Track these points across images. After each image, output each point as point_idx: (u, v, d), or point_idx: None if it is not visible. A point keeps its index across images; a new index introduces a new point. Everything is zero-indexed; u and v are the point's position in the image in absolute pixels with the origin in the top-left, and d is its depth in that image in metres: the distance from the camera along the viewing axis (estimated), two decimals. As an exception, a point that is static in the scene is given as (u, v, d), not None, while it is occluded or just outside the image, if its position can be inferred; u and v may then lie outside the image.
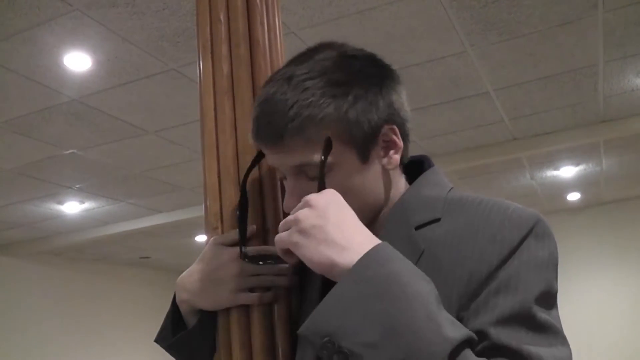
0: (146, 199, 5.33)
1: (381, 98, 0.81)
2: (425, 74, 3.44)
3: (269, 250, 0.88)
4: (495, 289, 0.70)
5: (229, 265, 0.86)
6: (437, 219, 0.79)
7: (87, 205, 5.32)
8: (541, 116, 4.18)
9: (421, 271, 0.69)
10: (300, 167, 0.80)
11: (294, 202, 0.78)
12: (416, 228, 0.79)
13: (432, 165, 0.90)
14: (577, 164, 5.36)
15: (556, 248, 0.76)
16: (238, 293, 0.86)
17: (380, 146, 0.82)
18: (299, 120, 0.76)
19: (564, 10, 2.86)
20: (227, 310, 0.89)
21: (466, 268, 0.72)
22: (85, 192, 4.99)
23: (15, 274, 6.47)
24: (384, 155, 0.83)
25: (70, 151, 4.10)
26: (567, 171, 5.53)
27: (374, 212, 0.84)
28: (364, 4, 2.70)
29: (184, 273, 0.92)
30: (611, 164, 5.44)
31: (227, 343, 0.88)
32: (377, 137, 0.81)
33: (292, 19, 2.77)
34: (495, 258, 0.72)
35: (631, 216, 6.79)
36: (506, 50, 3.22)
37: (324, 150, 0.77)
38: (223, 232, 0.91)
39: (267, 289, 0.88)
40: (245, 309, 0.88)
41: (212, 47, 0.98)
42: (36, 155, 4.10)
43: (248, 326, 0.88)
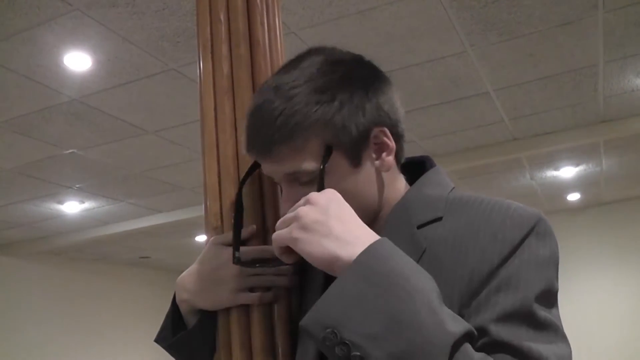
0: (146, 198, 5.33)
1: (367, 101, 0.81)
2: (426, 74, 3.44)
3: (266, 251, 0.88)
4: (496, 286, 0.70)
5: (229, 265, 0.86)
6: (439, 218, 0.79)
7: (87, 205, 5.32)
8: (541, 116, 4.19)
9: (422, 268, 0.69)
10: (291, 174, 0.81)
11: (290, 208, 0.78)
12: (418, 227, 0.80)
13: (434, 165, 0.90)
14: (577, 164, 5.36)
15: (557, 247, 0.76)
16: (238, 293, 0.87)
17: (371, 149, 0.82)
18: (286, 130, 0.77)
19: (564, 11, 2.86)
20: (227, 310, 0.89)
21: (468, 267, 0.73)
22: (85, 191, 4.99)
23: (16, 274, 6.47)
24: (377, 157, 0.83)
25: (71, 151, 4.10)
26: (567, 171, 5.53)
27: (370, 215, 0.84)
28: (364, 4, 2.71)
29: (184, 273, 0.92)
30: (611, 164, 5.45)
31: (227, 343, 0.89)
32: (368, 140, 0.81)
33: (292, 19, 2.77)
34: (496, 256, 0.72)
35: (631, 216, 6.79)
36: (506, 51, 3.22)
37: (323, 159, 0.78)
38: (223, 232, 0.91)
39: (267, 288, 0.88)
40: (245, 309, 0.88)
41: (212, 47, 0.98)
42: (36, 155, 4.10)
43: (248, 326, 0.88)
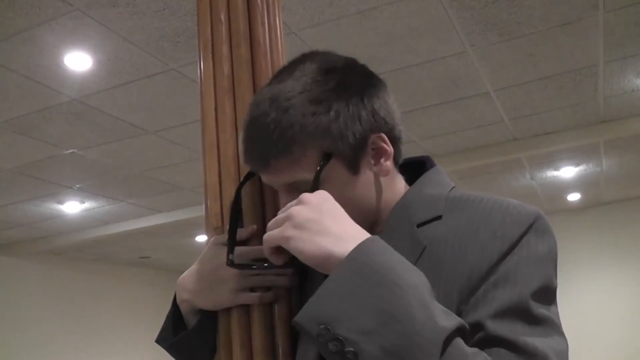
0: (146, 198, 5.33)
1: (363, 108, 0.81)
2: (426, 74, 3.44)
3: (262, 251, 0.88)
4: (494, 282, 0.71)
5: (229, 265, 0.86)
6: (439, 217, 0.80)
7: (87, 205, 5.32)
8: (541, 116, 4.19)
9: (413, 265, 0.69)
10: (291, 184, 0.81)
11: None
12: (418, 226, 0.80)
13: (434, 165, 0.91)
14: (577, 165, 5.36)
15: (556, 244, 0.76)
16: (238, 293, 0.87)
17: (369, 155, 0.82)
18: (284, 143, 0.77)
19: (564, 11, 2.87)
20: (227, 310, 0.89)
21: (467, 264, 0.73)
22: (85, 191, 4.99)
23: (16, 274, 6.47)
24: (375, 163, 0.83)
25: (71, 151, 4.10)
26: (567, 171, 5.53)
27: (371, 219, 0.85)
28: (365, 4, 2.71)
29: (185, 273, 0.92)
30: (611, 165, 5.45)
31: (227, 343, 0.89)
32: (365, 147, 0.81)
33: (293, 19, 2.78)
34: (495, 253, 0.72)
35: (631, 216, 6.79)
36: (506, 51, 3.22)
37: (321, 164, 0.78)
38: (224, 232, 0.91)
39: (267, 288, 0.88)
40: (245, 309, 0.88)
41: (212, 47, 0.98)
42: (36, 155, 4.10)
43: (248, 326, 0.88)
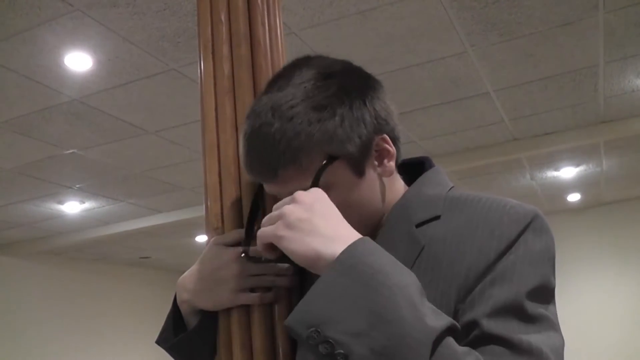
0: (146, 199, 5.33)
1: (367, 111, 0.81)
2: (426, 75, 3.44)
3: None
4: (490, 280, 0.71)
5: (229, 265, 0.86)
6: (437, 217, 0.80)
7: (88, 205, 5.32)
8: (541, 117, 4.19)
9: (403, 265, 0.69)
10: None
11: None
12: (417, 225, 0.80)
13: (433, 165, 0.91)
14: (577, 165, 5.36)
15: (553, 243, 0.76)
16: (239, 293, 0.87)
17: (373, 157, 0.83)
18: (291, 153, 0.76)
19: (564, 11, 2.87)
20: (227, 311, 0.89)
21: (465, 263, 0.73)
22: (85, 191, 4.99)
23: (16, 274, 6.47)
24: (379, 164, 0.83)
25: (71, 151, 4.10)
26: (568, 172, 5.53)
27: (375, 220, 0.85)
28: (365, 4, 2.71)
29: (185, 274, 0.92)
30: (611, 165, 5.45)
31: (227, 343, 0.89)
32: (370, 150, 0.82)
33: (293, 20, 2.78)
34: (493, 252, 0.72)
35: (631, 217, 6.79)
36: (506, 51, 3.22)
37: (324, 164, 0.78)
38: (224, 232, 0.91)
39: (267, 289, 0.88)
40: (245, 309, 0.88)
41: (213, 47, 0.98)
42: (37, 155, 4.10)
43: (248, 326, 0.88)
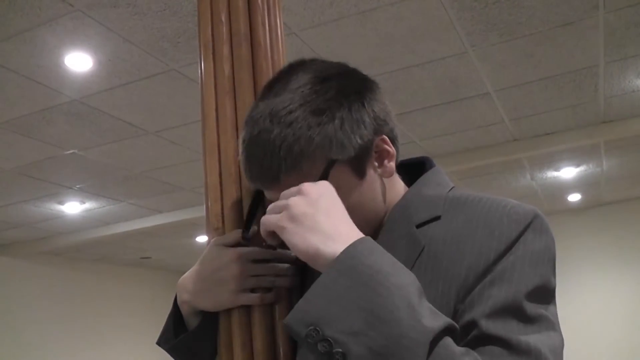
0: (147, 199, 5.33)
1: (366, 113, 0.81)
2: (426, 75, 3.44)
3: (270, 250, 0.89)
4: (490, 281, 0.71)
5: (230, 266, 0.86)
6: (438, 217, 0.80)
7: (88, 205, 5.32)
8: (542, 117, 4.19)
9: (403, 265, 0.70)
10: None
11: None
12: (417, 226, 0.80)
13: (434, 165, 0.91)
14: (577, 165, 5.36)
15: (554, 244, 0.76)
16: (239, 294, 0.87)
17: (373, 158, 0.83)
18: (292, 159, 0.77)
19: (564, 11, 2.87)
20: (228, 311, 0.89)
21: (465, 263, 0.73)
22: (85, 192, 4.99)
23: (16, 274, 6.47)
24: (379, 165, 0.83)
25: (71, 151, 4.10)
26: (568, 172, 5.53)
27: (376, 220, 0.85)
28: (365, 4, 2.71)
29: (185, 274, 0.92)
30: (612, 165, 5.44)
31: (228, 344, 0.89)
32: (370, 151, 0.82)
33: (293, 20, 2.78)
34: (492, 253, 0.72)
35: (632, 217, 6.79)
36: (507, 51, 3.22)
37: (326, 168, 0.78)
38: (224, 232, 0.91)
39: (268, 289, 0.88)
40: (246, 310, 0.88)
41: (213, 47, 0.98)
42: (37, 156, 4.10)
43: (249, 327, 0.88)
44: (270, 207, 0.76)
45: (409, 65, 3.30)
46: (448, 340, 0.65)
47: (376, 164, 0.83)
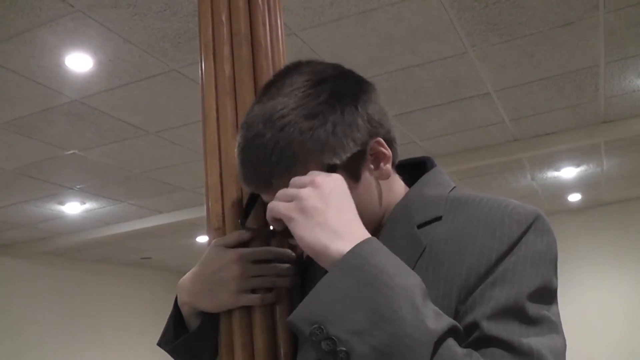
0: (147, 199, 5.33)
1: (359, 115, 0.80)
2: (426, 75, 3.44)
3: (268, 252, 0.89)
4: (491, 282, 0.71)
5: (230, 266, 0.86)
6: (439, 217, 0.80)
7: (88, 205, 5.32)
8: (542, 117, 4.18)
9: (408, 267, 0.70)
10: None
11: (291, 244, 0.80)
12: (418, 226, 0.80)
13: (435, 165, 0.90)
14: (578, 165, 5.36)
15: (555, 244, 0.76)
16: (240, 294, 0.87)
17: (369, 161, 0.82)
18: (283, 163, 0.77)
19: (564, 11, 2.86)
20: (228, 312, 0.89)
21: (466, 264, 0.73)
22: (86, 192, 4.99)
23: (16, 274, 6.47)
24: (375, 168, 0.83)
25: (72, 152, 4.10)
26: (568, 172, 5.53)
27: (374, 223, 0.85)
28: (365, 5, 2.71)
29: (186, 275, 0.92)
30: (612, 165, 5.44)
31: (229, 344, 0.89)
32: (365, 154, 0.81)
33: (294, 20, 2.78)
34: (494, 253, 0.72)
35: (632, 217, 6.79)
36: (507, 51, 3.22)
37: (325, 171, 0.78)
38: (225, 233, 0.91)
39: (268, 290, 0.88)
40: (247, 310, 0.88)
41: (214, 47, 0.98)
42: (37, 156, 4.10)
43: (250, 327, 0.88)
44: (280, 193, 0.75)
45: (409, 65, 3.30)
46: (451, 342, 0.65)
47: (372, 166, 0.82)
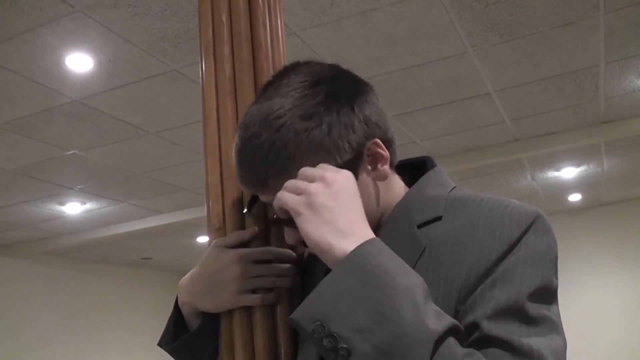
0: (147, 199, 5.33)
1: (355, 117, 0.80)
2: (427, 75, 3.44)
3: (268, 252, 0.89)
4: (491, 282, 0.71)
5: (231, 267, 0.86)
6: (439, 217, 0.80)
7: (89, 206, 5.32)
8: (542, 117, 4.18)
9: (410, 267, 0.70)
10: None
11: (291, 233, 0.80)
12: (418, 226, 0.80)
13: (435, 165, 0.90)
14: (578, 165, 5.36)
15: (555, 244, 0.76)
16: (240, 295, 0.87)
17: (366, 162, 0.82)
18: (279, 164, 0.77)
19: (565, 11, 2.86)
20: (229, 312, 0.89)
21: (466, 264, 0.73)
22: (86, 192, 4.99)
23: (17, 275, 6.48)
24: (372, 169, 0.82)
25: (72, 152, 4.10)
26: (568, 172, 5.53)
27: (372, 223, 0.84)
28: (366, 5, 2.71)
29: (186, 276, 0.92)
30: (612, 165, 5.44)
31: (229, 344, 0.89)
32: (361, 155, 0.81)
33: (294, 20, 2.78)
34: (494, 253, 0.72)
35: (632, 217, 6.79)
36: (507, 51, 3.22)
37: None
38: (225, 233, 0.91)
39: (269, 290, 0.88)
40: (247, 310, 0.88)
41: (214, 48, 0.98)
42: (38, 156, 4.10)
43: (250, 327, 0.88)
44: (290, 184, 0.75)
45: (410, 65, 3.31)
46: (451, 341, 0.65)
47: (369, 167, 0.82)
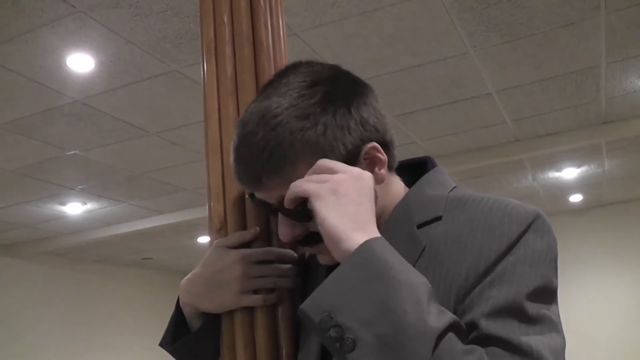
0: (148, 200, 5.34)
1: (352, 119, 0.80)
2: (428, 75, 3.44)
3: (270, 252, 0.89)
4: (490, 281, 0.71)
5: (232, 267, 0.86)
6: (439, 217, 0.80)
7: (90, 206, 5.33)
8: (543, 117, 4.18)
9: (413, 267, 0.70)
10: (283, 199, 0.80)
11: (286, 230, 0.80)
12: (418, 226, 0.80)
13: (435, 165, 0.90)
14: (579, 166, 5.36)
15: (555, 244, 0.76)
16: (242, 295, 0.87)
17: (363, 165, 0.81)
18: (273, 162, 0.77)
19: (566, 12, 2.86)
20: (231, 312, 0.89)
21: (465, 263, 0.73)
22: (87, 193, 4.99)
23: (18, 275, 6.48)
24: (370, 172, 0.82)
25: (73, 152, 4.10)
26: (569, 172, 5.53)
27: None
28: (367, 5, 2.71)
29: (187, 276, 0.92)
30: (613, 166, 5.44)
31: (231, 344, 0.89)
32: (358, 158, 0.80)
33: (295, 21, 2.78)
34: (493, 253, 0.72)
35: (633, 218, 6.78)
36: (508, 52, 3.22)
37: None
38: (227, 233, 0.91)
39: (270, 290, 0.88)
40: (249, 311, 0.88)
41: (215, 48, 0.98)
42: (39, 156, 4.11)
43: (252, 327, 0.88)
44: (313, 172, 0.75)
45: (411, 65, 3.31)
46: (452, 337, 0.66)
47: (367, 170, 0.81)
